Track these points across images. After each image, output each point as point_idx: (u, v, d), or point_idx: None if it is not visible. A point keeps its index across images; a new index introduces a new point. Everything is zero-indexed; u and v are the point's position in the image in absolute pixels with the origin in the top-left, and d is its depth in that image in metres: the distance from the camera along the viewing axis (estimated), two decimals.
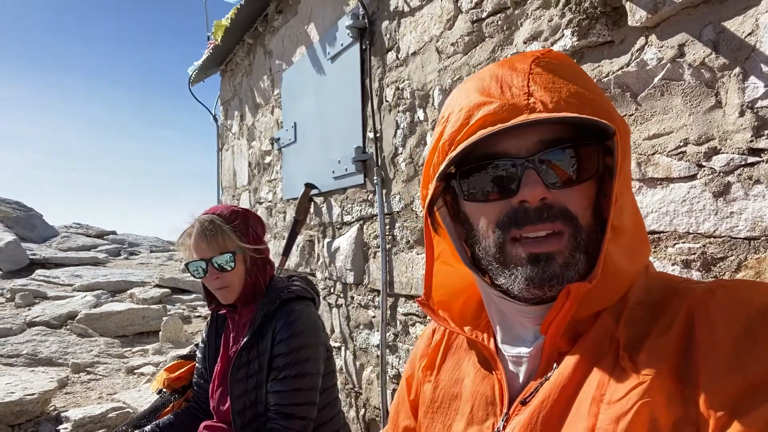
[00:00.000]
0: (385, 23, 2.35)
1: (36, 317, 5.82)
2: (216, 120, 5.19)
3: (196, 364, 1.87)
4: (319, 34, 3.00)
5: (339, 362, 2.85)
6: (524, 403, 0.65)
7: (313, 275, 3.13)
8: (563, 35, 1.43)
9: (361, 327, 2.62)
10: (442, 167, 0.68)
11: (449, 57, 1.95)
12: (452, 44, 1.92)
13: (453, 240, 0.76)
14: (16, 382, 3.61)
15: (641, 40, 1.24)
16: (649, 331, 0.59)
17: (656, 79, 1.20)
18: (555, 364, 0.65)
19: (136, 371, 4.66)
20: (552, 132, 0.64)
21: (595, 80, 1.32)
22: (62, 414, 3.48)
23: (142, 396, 3.72)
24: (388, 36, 2.34)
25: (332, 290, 2.89)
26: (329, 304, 2.94)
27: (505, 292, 0.69)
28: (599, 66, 1.35)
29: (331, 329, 2.93)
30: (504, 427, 0.66)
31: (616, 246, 0.63)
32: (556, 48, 1.45)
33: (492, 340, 0.76)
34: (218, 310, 1.76)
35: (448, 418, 0.78)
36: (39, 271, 8.82)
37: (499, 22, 1.69)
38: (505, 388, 0.70)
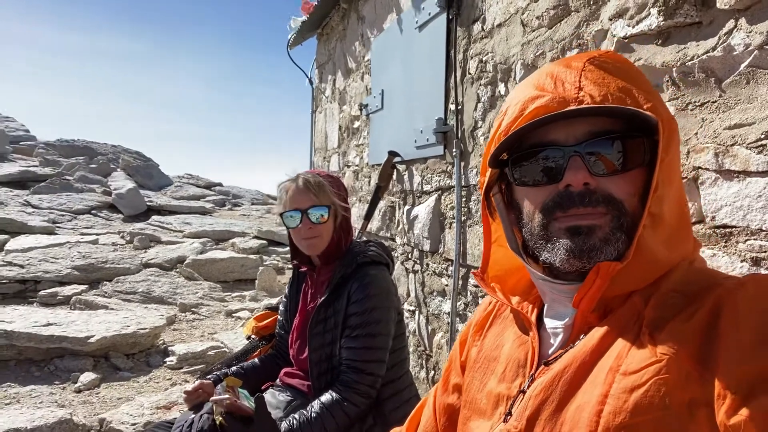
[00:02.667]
0: None
1: (151, 259, 6.49)
2: (311, 83, 5.38)
3: (279, 316, 2.05)
4: (409, 1, 3.00)
5: (413, 325, 2.97)
6: (547, 364, 0.71)
7: (393, 240, 3.24)
8: (649, 14, 1.37)
9: (435, 294, 2.71)
10: (492, 152, 0.75)
11: (534, 30, 1.91)
12: (537, 17, 1.88)
13: (504, 224, 0.83)
14: (132, 317, 4.10)
15: (730, 23, 1.17)
16: (675, 315, 0.63)
17: (742, 66, 1.13)
18: (582, 335, 0.70)
19: (233, 315, 5.10)
20: (601, 124, 0.69)
21: (679, 63, 1.28)
22: (169, 348, 3.94)
23: (238, 338, 4.09)
24: (475, 6, 2.32)
25: (410, 256, 2.99)
26: (406, 269, 3.05)
27: (549, 270, 0.75)
28: (684, 48, 1.28)
29: (407, 293, 3.05)
30: (529, 387, 0.73)
31: (655, 234, 0.67)
32: (641, 27, 1.39)
33: (536, 311, 0.82)
34: (300, 266, 1.90)
35: (485, 377, 0.85)
36: (155, 217, 9.72)
37: None
38: (536, 353, 0.77)
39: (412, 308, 2.98)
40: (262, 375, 1.92)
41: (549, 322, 0.78)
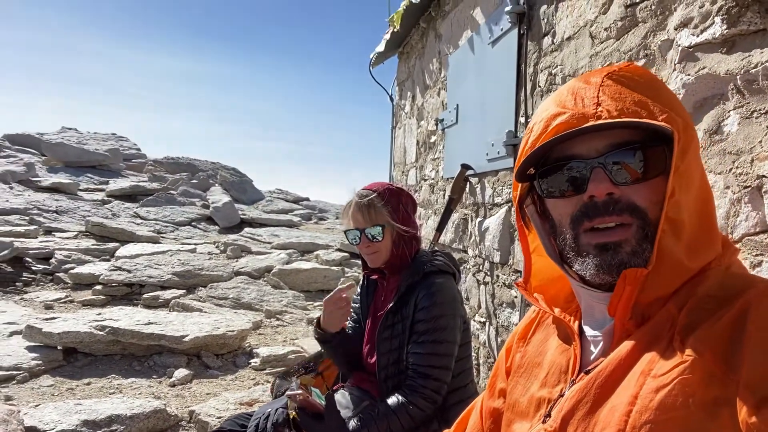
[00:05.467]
0: (543, 7, 2.35)
1: (241, 268, 6.91)
2: (392, 99, 5.54)
3: (349, 321, 2.15)
4: (483, 18, 3.07)
5: (483, 336, 2.98)
6: (587, 372, 0.75)
7: (465, 252, 3.28)
8: (713, 22, 1.35)
9: (504, 305, 2.71)
10: (518, 167, 0.80)
11: (602, 42, 1.91)
12: (605, 29, 1.88)
13: (540, 234, 0.87)
14: (222, 320, 4.41)
15: None
16: (706, 319, 0.65)
17: None
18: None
19: (314, 322, 5.32)
20: (620, 136, 0.72)
21: (743, 71, 1.26)
22: (254, 350, 4.19)
23: (317, 344, 4.25)
24: (545, 20, 2.34)
25: (481, 268, 3.02)
26: (478, 281, 3.08)
27: (582, 278, 0.79)
28: (749, 56, 1.26)
29: (477, 305, 3.07)
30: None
31: (676, 239, 0.69)
32: (705, 36, 1.37)
33: (577, 321, 0.86)
34: (370, 274, 2.00)
35: (528, 382, 0.89)
36: (247, 229, 10.33)
37: (653, 7, 1.63)
38: (578, 360, 0.80)
39: (482, 319, 3.00)
40: (352, 347, 1.99)
41: (589, 330, 0.81)
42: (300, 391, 1.67)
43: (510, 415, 0.91)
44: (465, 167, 3.08)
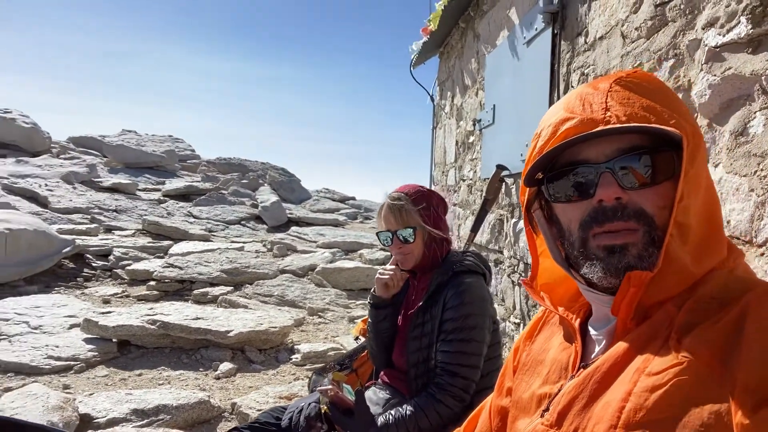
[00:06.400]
0: (576, 7, 2.33)
1: (286, 266, 7.08)
2: (432, 100, 5.56)
3: (385, 322, 2.19)
4: (519, 18, 3.05)
5: (517, 337, 2.97)
6: (585, 367, 0.77)
7: (501, 252, 3.27)
8: (739, 22, 1.32)
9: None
10: (526, 172, 0.81)
11: (633, 42, 1.88)
12: (636, 29, 1.86)
13: (546, 239, 0.88)
14: (265, 316, 4.55)
15: None
16: (704, 320, 0.65)
17: None
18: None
19: (355, 321, 5.41)
20: (629, 141, 0.73)
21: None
22: (296, 346, 4.31)
23: (354, 342, 4.35)
24: (578, 20, 2.32)
25: (516, 269, 3.01)
26: (512, 282, 3.07)
27: (589, 282, 0.80)
28: None
29: (512, 305, 3.06)
30: None
31: (683, 244, 0.70)
32: (731, 36, 1.35)
33: (579, 320, 0.87)
34: None
35: (531, 379, 0.91)
36: (293, 228, 10.55)
37: (682, 6, 1.60)
38: (579, 357, 0.81)
39: (517, 320, 2.99)
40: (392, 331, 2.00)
41: (593, 330, 0.83)
42: (331, 387, 1.73)
43: (514, 411, 0.93)
44: (500, 168, 3.07)
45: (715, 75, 1.40)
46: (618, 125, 0.70)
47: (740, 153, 1.30)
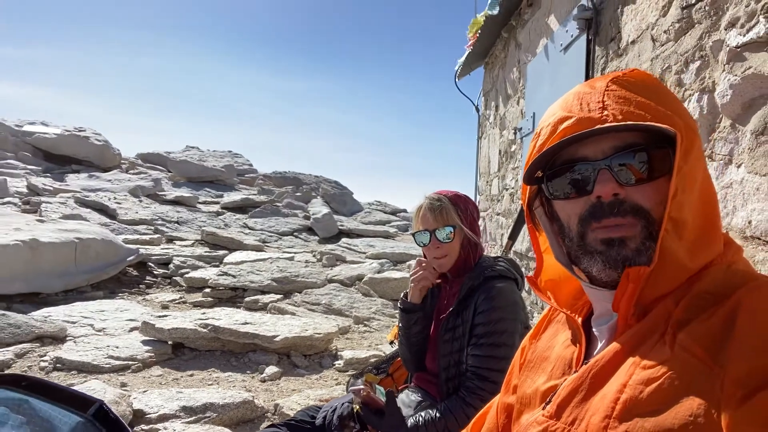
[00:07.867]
0: (610, 12, 2.32)
1: (334, 276, 7.22)
2: (477, 110, 5.57)
3: (417, 326, 2.23)
4: (556, 25, 3.05)
5: None
6: (586, 363, 0.79)
7: None
8: (758, 21, 1.31)
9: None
10: (526, 170, 0.84)
11: (662, 45, 1.87)
12: (665, 32, 1.84)
13: (548, 236, 0.91)
14: (311, 323, 4.67)
15: None
16: (699, 315, 0.67)
17: None
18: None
19: None
20: (625, 139, 0.75)
21: None
22: (339, 353, 4.40)
23: (393, 347, 4.39)
24: (612, 25, 2.31)
25: None
26: None
27: (589, 277, 0.82)
28: None
29: None
30: None
31: (678, 239, 0.71)
32: (750, 35, 1.33)
33: (581, 318, 0.89)
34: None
35: (536, 375, 0.93)
36: (344, 239, 10.72)
37: (707, 8, 1.58)
38: (582, 354, 0.84)
39: None
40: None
41: (595, 325, 0.85)
42: (363, 387, 1.78)
43: (519, 407, 0.95)
44: None
45: (736, 75, 1.38)
46: (614, 123, 0.72)
47: (761, 152, 1.28)
